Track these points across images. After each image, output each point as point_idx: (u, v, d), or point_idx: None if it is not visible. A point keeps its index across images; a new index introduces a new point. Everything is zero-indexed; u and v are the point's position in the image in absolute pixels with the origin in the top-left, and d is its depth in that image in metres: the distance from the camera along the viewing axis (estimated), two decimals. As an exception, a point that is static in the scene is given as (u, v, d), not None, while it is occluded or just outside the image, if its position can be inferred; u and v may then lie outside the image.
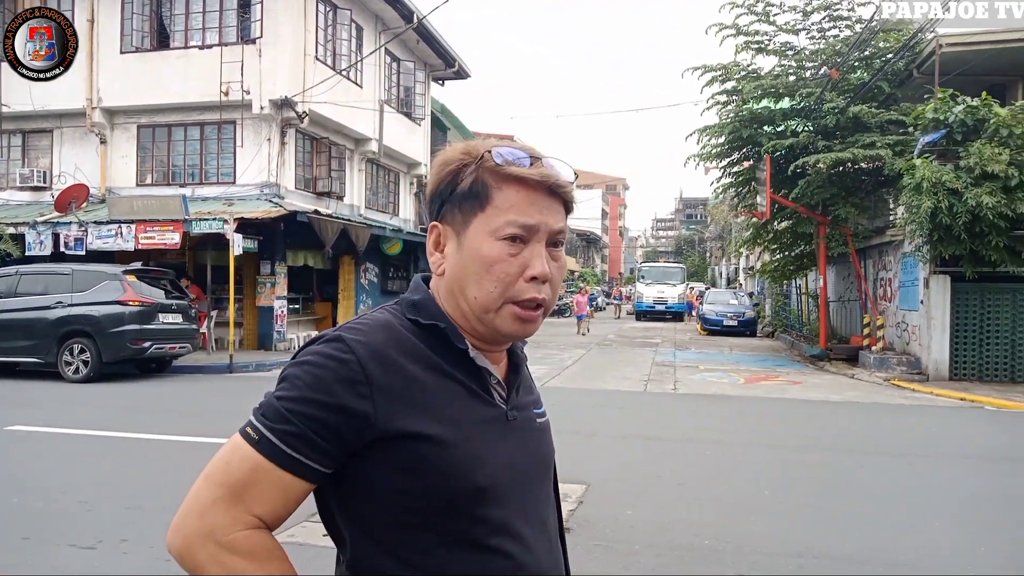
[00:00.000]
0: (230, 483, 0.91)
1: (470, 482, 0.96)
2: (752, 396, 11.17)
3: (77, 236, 14.83)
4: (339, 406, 0.91)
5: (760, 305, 31.72)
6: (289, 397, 0.92)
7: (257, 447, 0.92)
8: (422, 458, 0.94)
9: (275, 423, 0.92)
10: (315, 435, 0.91)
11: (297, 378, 0.93)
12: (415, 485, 0.94)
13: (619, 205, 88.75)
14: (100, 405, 9.45)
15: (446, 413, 0.97)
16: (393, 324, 1.00)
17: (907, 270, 14.44)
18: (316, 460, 0.92)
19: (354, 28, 18.14)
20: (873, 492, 5.76)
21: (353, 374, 0.92)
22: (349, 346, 0.94)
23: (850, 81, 16.00)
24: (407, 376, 0.96)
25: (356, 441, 0.93)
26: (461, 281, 1.01)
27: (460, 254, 1.01)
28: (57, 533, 4.42)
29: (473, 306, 1.01)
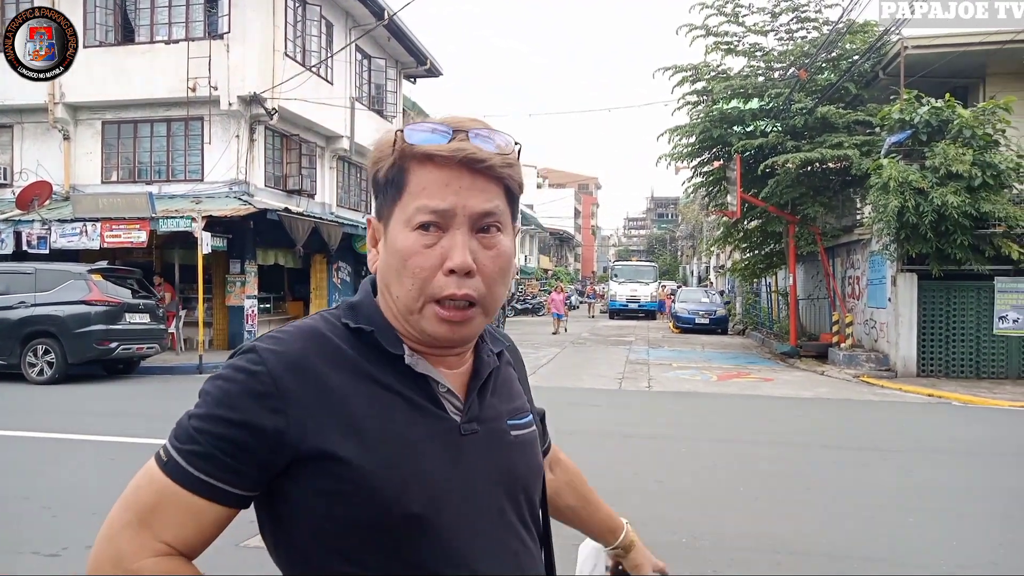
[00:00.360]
0: (138, 507, 0.85)
1: (400, 508, 0.85)
2: (725, 393, 11.25)
3: (40, 235, 14.45)
4: (245, 423, 0.83)
5: (731, 303, 32.04)
6: (197, 415, 0.86)
7: (165, 469, 0.85)
8: (342, 481, 0.84)
9: (182, 443, 0.85)
10: (223, 455, 0.83)
11: (207, 394, 0.86)
12: (340, 512, 0.85)
13: (592, 204, 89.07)
14: (65, 408, 9.21)
15: (373, 429, 0.86)
16: (319, 331, 0.91)
17: (875, 268, 14.66)
18: (228, 482, 0.84)
19: (324, 24, 17.95)
20: (847, 487, 5.83)
21: (263, 387, 0.84)
22: (261, 357, 0.86)
23: (818, 82, 16.22)
24: (328, 388, 0.86)
25: (272, 461, 0.85)
26: (386, 279, 0.92)
27: (386, 249, 0.92)
28: (19, 540, 4.28)
29: (398, 306, 0.91)
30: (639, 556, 1.33)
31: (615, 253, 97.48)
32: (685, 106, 18.13)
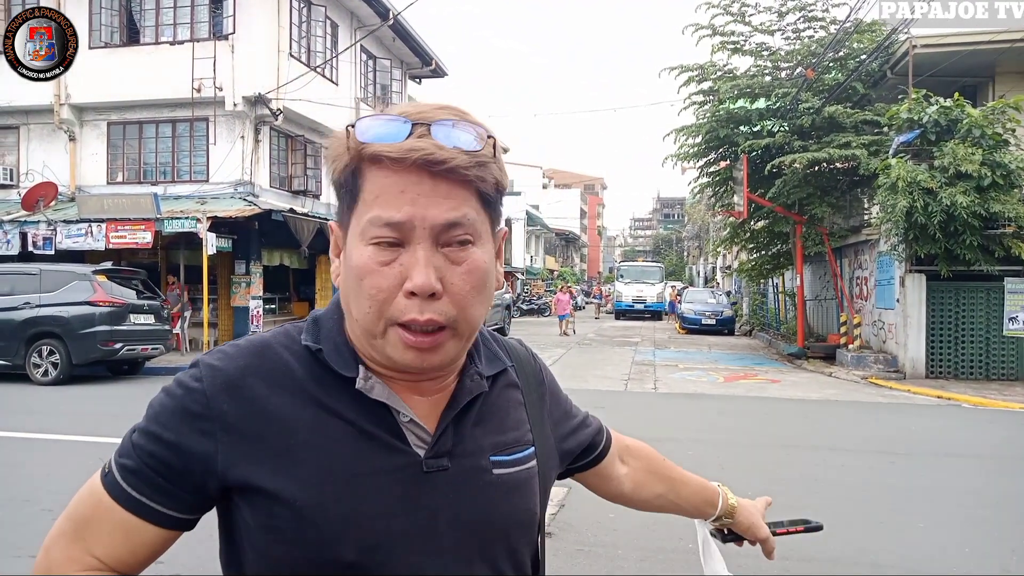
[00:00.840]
0: (75, 518, 0.82)
1: (332, 554, 0.75)
2: (732, 395, 11.17)
3: (46, 235, 14.48)
4: (175, 443, 0.78)
5: (738, 304, 31.92)
6: (136, 428, 0.83)
7: (104, 482, 0.82)
8: (273, 517, 0.76)
9: (120, 456, 0.82)
10: (154, 473, 0.79)
11: (150, 407, 0.82)
12: (278, 551, 0.77)
13: (597, 204, 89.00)
14: (69, 409, 9.20)
15: (311, 461, 0.77)
16: (270, 346, 0.82)
17: (883, 269, 14.55)
18: (160, 503, 0.79)
19: (329, 25, 17.94)
20: (855, 491, 5.75)
21: (196, 406, 0.78)
22: (200, 372, 0.80)
23: (825, 81, 16.12)
24: (266, 413, 0.78)
25: (205, 485, 0.79)
26: (346, 297, 0.80)
27: (345, 263, 0.80)
28: (19, 543, 4.24)
29: (359, 330, 0.80)
30: (746, 516, 1.25)
31: (621, 254, 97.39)
32: (691, 106, 18.07)
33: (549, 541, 4.43)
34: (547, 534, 3.99)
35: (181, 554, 4.14)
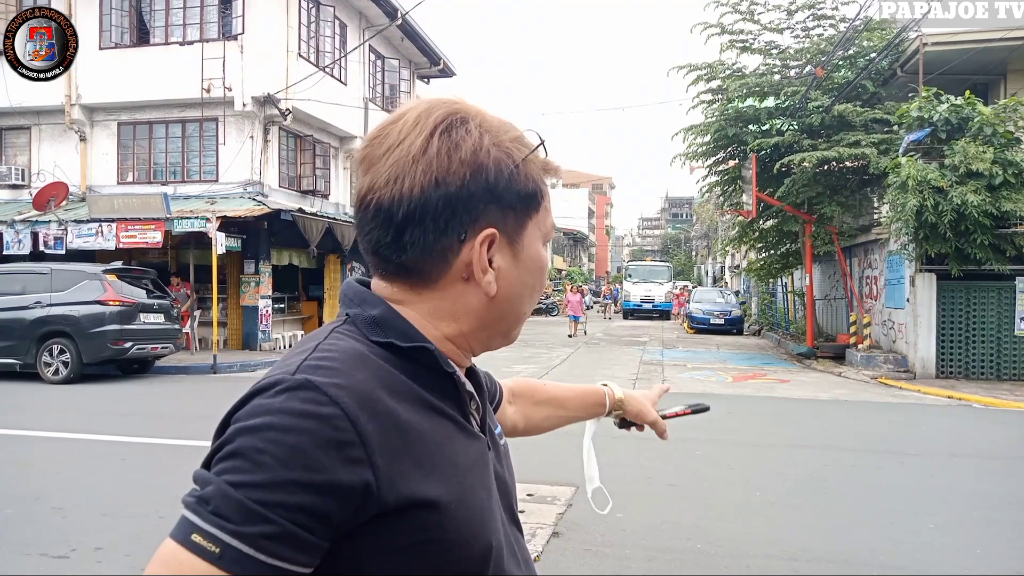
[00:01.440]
0: None
1: (480, 542, 0.77)
2: (741, 395, 11.13)
3: (57, 235, 14.57)
4: (329, 484, 0.66)
5: (746, 303, 31.82)
6: (255, 483, 0.65)
7: (219, 564, 0.64)
8: (429, 527, 0.72)
9: (241, 525, 0.64)
10: (302, 531, 0.66)
11: (261, 452, 0.66)
12: (418, 563, 0.73)
13: (606, 204, 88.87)
14: (79, 407, 9.25)
15: (447, 462, 0.76)
16: (367, 353, 0.76)
17: (893, 268, 14.47)
18: (302, 563, 0.67)
19: (337, 25, 17.98)
20: (865, 492, 5.72)
21: (340, 434, 0.67)
22: (327, 394, 0.68)
23: (835, 80, 16.04)
24: (399, 424, 0.73)
25: (347, 524, 0.69)
26: (515, 300, 0.83)
27: (517, 267, 0.82)
28: (29, 541, 4.28)
29: (517, 322, 0.87)
30: (634, 405, 1.35)
31: (629, 253, 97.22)
32: (700, 105, 18.02)
33: (556, 541, 4.43)
34: (554, 534, 3.98)
35: None
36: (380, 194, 0.77)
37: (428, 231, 0.77)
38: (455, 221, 0.77)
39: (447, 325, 0.82)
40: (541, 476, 5.67)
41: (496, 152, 0.79)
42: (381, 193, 0.77)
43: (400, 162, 0.76)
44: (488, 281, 0.80)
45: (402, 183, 0.76)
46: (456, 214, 0.77)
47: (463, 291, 0.81)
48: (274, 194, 16.05)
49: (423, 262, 0.79)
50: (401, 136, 0.78)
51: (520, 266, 0.82)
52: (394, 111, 0.84)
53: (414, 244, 0.77)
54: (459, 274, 0.80)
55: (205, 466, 0.71)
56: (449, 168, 0.76)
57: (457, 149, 0.77)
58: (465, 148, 0.77)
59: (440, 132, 0.77)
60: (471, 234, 0.78)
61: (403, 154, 0.77)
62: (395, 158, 0.77)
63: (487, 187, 0.78)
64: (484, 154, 0.78)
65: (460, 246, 0.78)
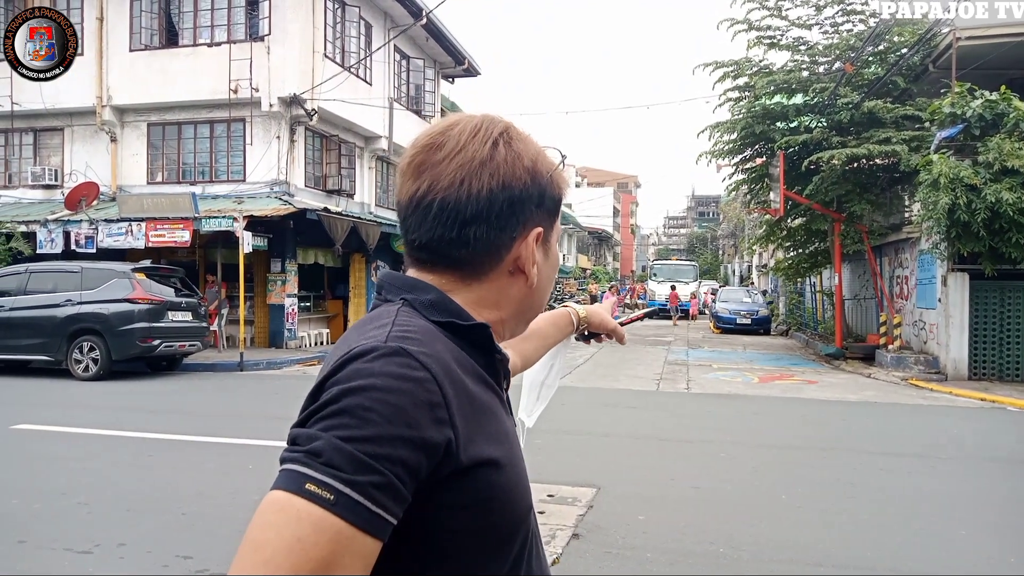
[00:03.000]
0: (310, 567, 0.66)
1: (525, 503, 0.87)
2: (767, 396, 10.99)
3: (88, 234, 14.82)
4: (424, 441, 0.73)
5: (774, 303, 31.44)
6: (365, 437, 0.70)
7: (334, 509, 0.68)
8: (490, 486, 0.80)
9: (354, 474, 0.69)
10: (402, 483, 0.71)
11: (367, 409, 0.72)
12: (476, 521, 0.79)
13: (631, 203, 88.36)
14: (108, 404, 9.40)
15: (500, 429, 0.85)
16: (436, 331, 0.84)
17: (924, 268, 14.20)
18: (396, 514, 0.72)
19: (363, 25, 18.06)
20: (895, 496, 5.59)
21: (432, 396, 0.75)
22: (419, 360, 0.76)
23: (864, 76, 15.78)
24: (469, 392, 0.81)
25: (428, 481, 0.75)
26: (544, 291, 0.97)
27: (547, 263, 0.96)
28: (54, 536, 4.34)
29: (540, 312, 1.01)
30: (596, 316, 1.53)
31: (654, 252, 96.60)
32: (726, 102, 17.84)
33: (576, 543, 4.39)
34: (574, 536, 3.93)
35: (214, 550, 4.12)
36: (444, 195, 0.86)
37: (491, 228, 0.87)
38: (513, 220, 0.89)
39: (489, 312, 0.92)
40: (562, 477, 5.63)
41: (544, 163, 0.93)
42: (446, 194, 0.86)
43: (465, 166, 0.86)
44: (535, 273, 0.92)
45: (469, 185, 0.86)
46: (515, 214, 0.88)
47: (508, 283, 0.92)
48: (300, 194, 16.17)
49: (479, 256, 0.88)
50: (461, 144, 0.87)
51: (548, 263, 0.96)
52: (438, 123, 0.93)
53: (477, 240, 0.87)
54: (507, 267, 0.91)
55: (301, 425, 0.74)
56: (514, 173, 0.88)
57: (520, 158, 0.89)
58: (527, 157, 0.90)
59: (504, 142, 0.89)
60: (523, 232, 0.90)
61: (467, 159, 0.86)
62: (459, 162, 0.86)
63: (539, 192, 0.91)
64: (540, 163, 0.92)
65: (512, 242, 0.89)
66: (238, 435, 7.36)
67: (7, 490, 5.28)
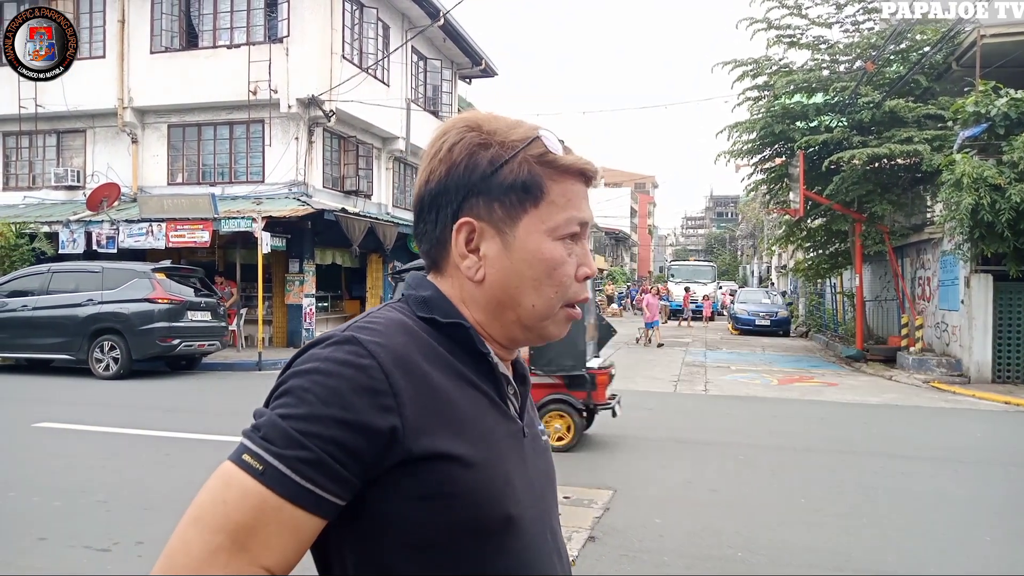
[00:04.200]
0: (230, 527, 0.73)
1: (500, 509, 0.83)
2: (786, 398, 10.88)
3: (109, 234, 14.99)
4: (360, 424, 0.75)
5: (793, 304, 31.16)
6: (298, 415, 0.75)
7: (262, 479, 0.74)
8: (451, 482, 0.79)
9: (283, 448, 0.74)
10: (333, 461, 0.75)
11: (305, 391, 0.76)
12: (440, 516, 0.79)
13: (648, 203, 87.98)
14: (128, 403, 9.48)
15: (475, 428, 0.83)
16: (409, 324, 0.85)
17: (947, 269, 14.01)
18: (332, 492, 0.75)
19: (380, 26, 18.12)
20: (916, 501, 5.51)
21: (375, 383, 0.77)
22: (367, 349, 0.78)
23: (886, 75, 15.59)
24: (432, 385, 0.81)
25: (376, 466, 0.77)
26: (512, 290, 0.88)
27: (509, 257, 0.88)
28: (74, 534, 4.38)
29: (528, 315, 0.89)
30: None
31: (672, 253, 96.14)
32: (745, 102, 17.71)
33: (592, 545, 4.36)
34: (590, 538, 3.89)
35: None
36: (416, 192, 0.92)
37: (427, 222, 0.90)
38: (441, 213, 0.88)
39: (465, 310, 0.90)
40: (577, 479, 5.60)
41: (476, 149, 0.87)
42: (417, 191, 0.92)
43: (426, 161, 0.90)
44: (467, 266, 0.88)
45: (426, 179, 0.90)
46: (439, 206, 0.88)
47: (462, 279, 0.90)
48: (318, 194, 16.25)
49: (433, 252, 0.91)
50: (433, 141, 0.91)
51: (513, 256, 0.87)
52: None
53: (422, 235, 0.91)
54: (456, 262, 0.89)
55: (265, 404, 0.81)
56: (452, 161, 0.88)
57: (440, 150, 0.89)
58: (445, 148, 0.88)
59: (456, 132, 0.89)
60: (454, 224, 0.88)
61: (430, 155, 0.90)
62: (427, 160, 0.91)
63: (461, 181, 0.87)
64: (459, 151, 0.88)
65: (451, 235, 0.88)
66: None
67: (28, 487, 5.34)
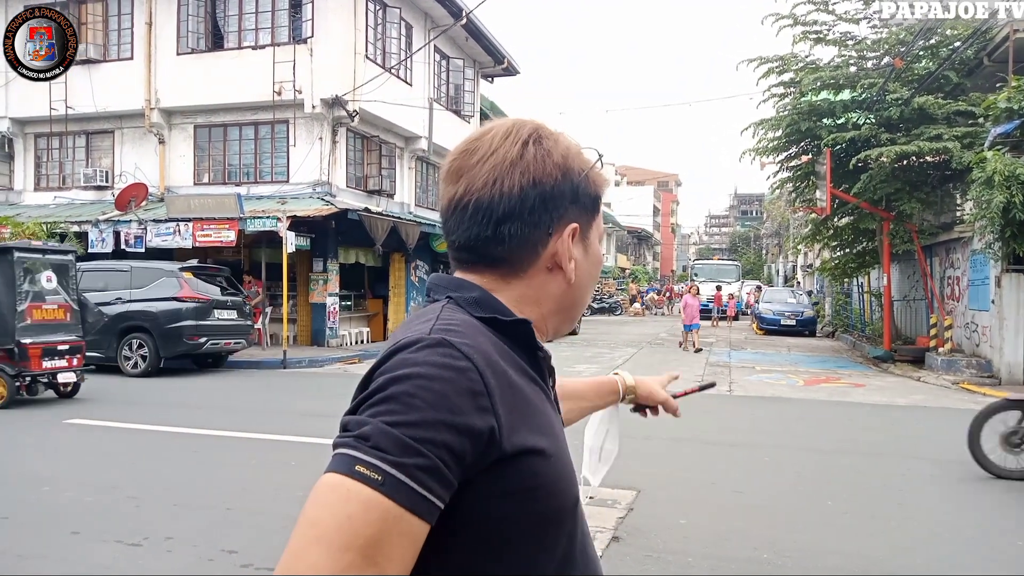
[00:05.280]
0: (359, 543, 0.70)
1: (572, 495, 0.88)
2: (812, 399, 10.77)
3: (137, 234, 15.21)
4: (466, 426, 0.76)
5: (819, 304, 30.81)
6: (409, 422, 0.74)
7: (382, 489, 0.71)
8: (535, 475, 0.82)
9: (400, 456, 0.72)
10: (444, 466, 0.74)
11: (411, 396, 0.75)
12: (522, 509, 0.81)
13: (671, 201, 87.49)
14: (156, 400, 9.62)
15: (544, 420, 0.87)
16: (479, 324, 0.87)
17: (977, 268, 13.77)
18: (441, 497, 0.75)
19: (403, 26, 18.19)
20: (945, 505, 5.43)
21: (473, 385, 0.78)
22: (461, 351, 0.79)
23: (915, 71, 15.36)
24: (512, 383, 0.84)
25: (474, 467, 0.77)
26: (582, 289, 0.98)
27: (587, 260, 0.97)
28: (105, 529, 4.45)
29: (581, 310, 1.01)
30: (644, 388, 1.52)
31: (695, 251, 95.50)
32: (771, 99, 17.55)
33: (616, 546, 4.34)
34: (614, 538, 3.88)
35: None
36: (479, 195, 0.89)
37: (525, 225, 0.90)
38: (546, 216, 0.91)
39: (530, 309, 0.94)
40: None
41: (577, 160, 0.94)
42: (480, 194, 0.89)
43: (498, 167, 0.89)
44: (572, 269, 0.93)
45: (501, 184, 0.89)
46: (548, 210, 0.91)
47: (547, 279, 0.94)
48: (341, 194, 16.36)
49: (516, 253, 0.91)
50: (494, 147, 0.90)
51: (589, 259, 0.97)
52: (475, 130, 0.97)
53: (512, 237, 0.90)
54: (544, 264, 0.93)
55: (352, 413, 0.79)
56: (544, 170, 0.90)
57: (549, 155, 0.91)
58: (556, 154, 0.92)
59: (533, 142, 0.91)
60: (558, 228, 0.92)
61: (499, 160, 0.89)
62: (491, 164, 0.89)
63: (572, 188, 0.92)
64: (571, 160, 0.94)
65: (548, 239, 0.91)
66: (281, 432, 7.47)
67: (62, 483, 5.44)
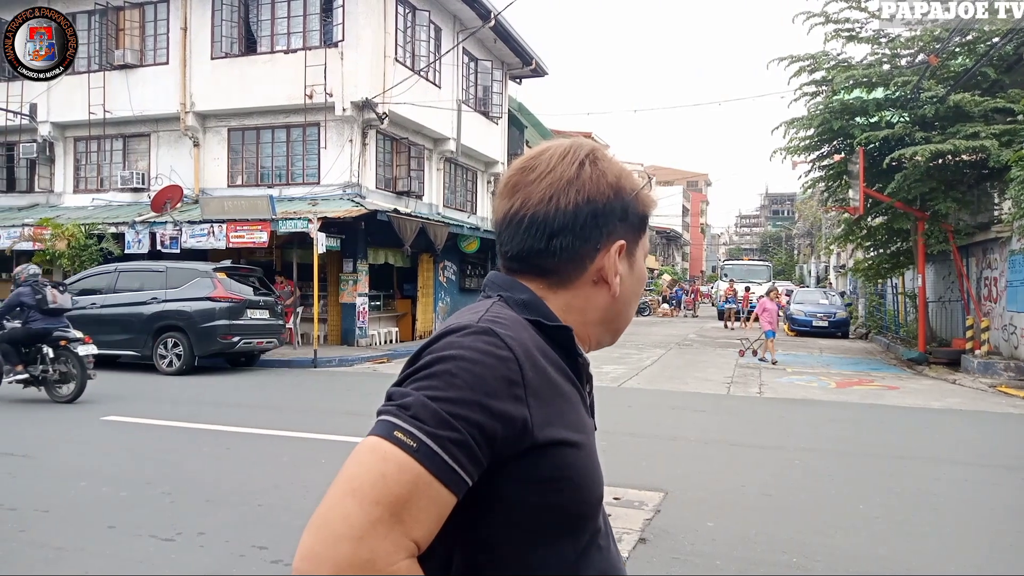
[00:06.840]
0: (389, 500, 0.77)
1: (598, 492, 0.94)
2: (844, 401, 10.62)
3: (172, 235, 15.51)
4: (500, 411, 0.81)
5: (852, 305, 30.32)
6: (447, 398, 0.80)
7: (416, 455, 0.78)
8: (565, 466, 0.88)
9: (435, 428, 0.79)
10: (475, 444, 0.80)
11: (452, 375, 0.82)
12: (550, 498, 0.87)
13: (701, 202, 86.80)
14: (190, 398, 9.81)
15: (578, 418, 0.93)
16: (525, 322, 0.93)
17: (1015, 269, 13.47)
18: (469, 473, 0.80)
19: (432, 29, 18.30)
20: (979, 510, 5.32)
21: (512, 374, 0.84)
22: (504, 341, 0.85)
23: (950, 68, 15.05)
24: (550, 380, 0.89)
25: (504, 452, 0.83)
26: (626, 304, 1.03)
27: (632, 276, 1.02)
28: (140, 523, 4.56)
29: (626, 324, 1.06)
30: None
31: (726, 252, 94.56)
32: (802, 97, 17.30)
33: (643, 547, 4.34)
34: (641, 540, 3.88)
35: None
36: (535, 210, 0.96)
37: (575, 239, 0.96)
38: (596, 232, 0.97)
39: (574, 318, 0.98)
40: (628, 480, 5.58)
41: (628, 181, 1.00)
42: (536, 209, 0.95)
43: (555, 185, 0.95)
44: (616, 283, 0.99)
45: (557, 201, 0.95)
46: (598, 226, 0.96)
47: (592, 292, 0.99)
48: (371, 195, 16.51)
49: (565, 265, 0.97)
50: (552, 165, 0.97)
51: (633, 276, 1.02)
52: (532, 149, 1.03)
53: (563, 250, 0.96)
54: (591, 277, 0.98)
55: (398, 385, 0.86)
56: (598, 189, 0.97)
57: (604, 176, 0.98)
58: (610, 175, 0.99)
59: (590, 163, 0.98)
60: (606, 244, 0.97)
61: (556, 178, 0.96)
62: (549, 182, 0.96)
63: (622, 207, 0.98)
64: (623, 180, 1.00)
65: (596, 253, 0.97)
66: (312, 430, 7.57)
67: (98, 478, 5.58)
